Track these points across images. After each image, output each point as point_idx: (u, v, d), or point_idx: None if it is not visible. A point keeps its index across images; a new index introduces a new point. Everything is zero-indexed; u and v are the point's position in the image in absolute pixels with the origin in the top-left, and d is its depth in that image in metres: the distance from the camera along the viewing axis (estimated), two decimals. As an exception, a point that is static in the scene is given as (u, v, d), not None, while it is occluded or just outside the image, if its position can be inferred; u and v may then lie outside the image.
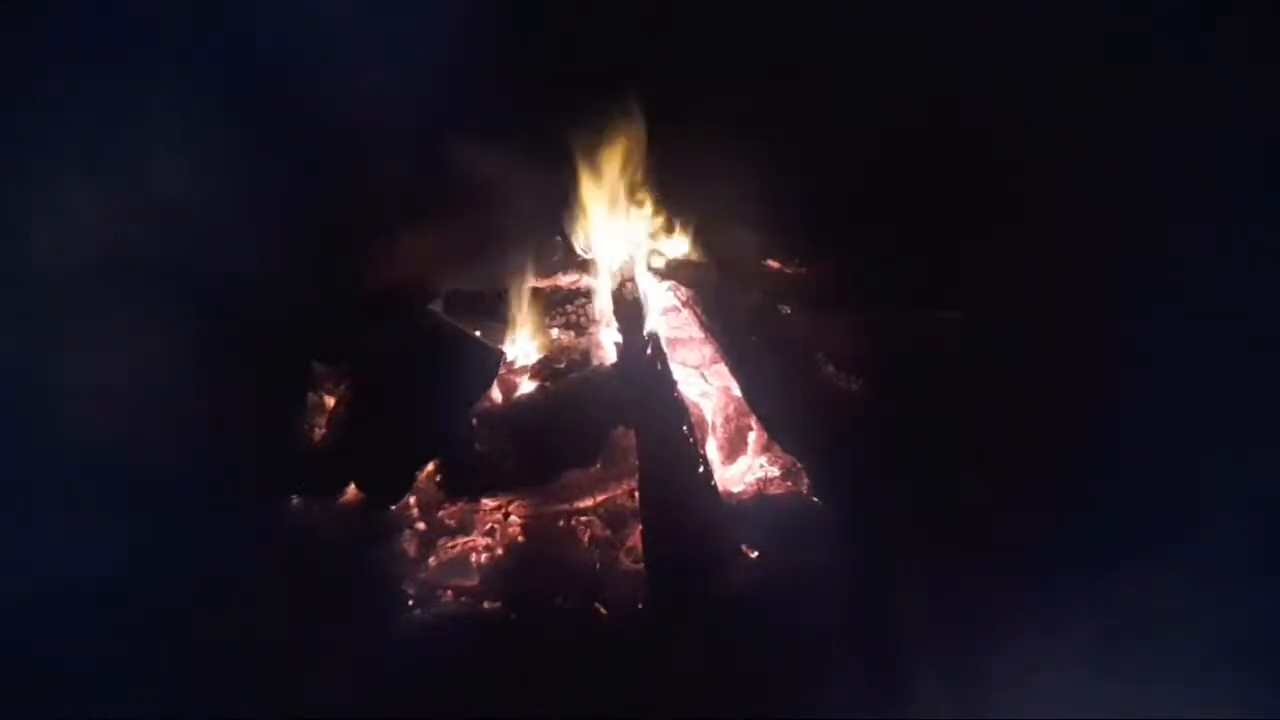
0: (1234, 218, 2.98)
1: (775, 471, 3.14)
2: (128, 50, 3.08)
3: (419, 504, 3.01)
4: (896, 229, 3.34)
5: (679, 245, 3.50)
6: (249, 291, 3.11)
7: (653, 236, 3.50)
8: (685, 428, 2.91)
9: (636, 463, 2.90)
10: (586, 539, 2.94)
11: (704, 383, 3.33)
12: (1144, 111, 3.12)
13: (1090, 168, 3.17)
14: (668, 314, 3.39)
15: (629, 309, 3.21)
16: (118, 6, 3.07)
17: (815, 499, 2.95)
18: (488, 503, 2.99)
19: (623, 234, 3.49)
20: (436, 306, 3.39)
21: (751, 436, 3.22)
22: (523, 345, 3.40)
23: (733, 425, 3.24)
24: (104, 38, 3.07)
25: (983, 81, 3.29)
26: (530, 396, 3.20)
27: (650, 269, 3.40)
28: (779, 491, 3.08)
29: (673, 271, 3.37)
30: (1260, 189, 2.97)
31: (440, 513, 3.00)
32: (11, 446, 2.73)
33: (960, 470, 2.82)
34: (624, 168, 3.41)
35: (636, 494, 2.91)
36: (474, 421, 3.05)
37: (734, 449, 3.23)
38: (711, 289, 3.28)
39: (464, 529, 2.99)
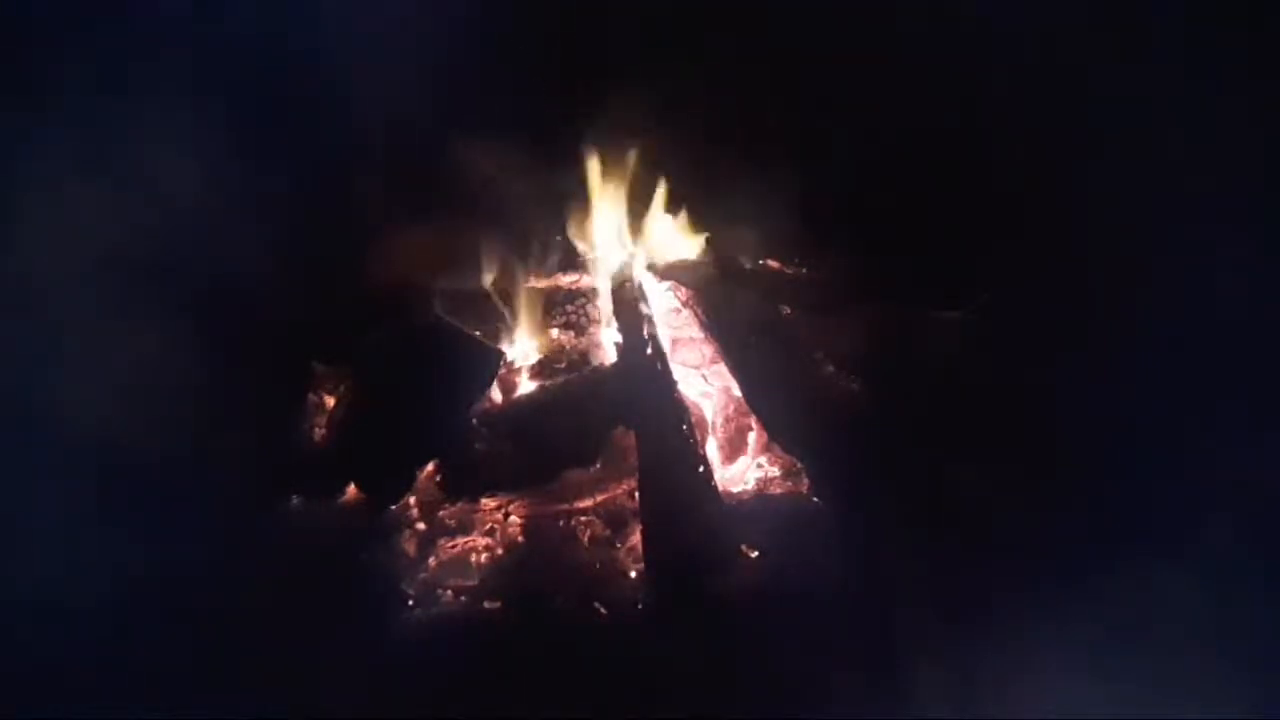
0: (1236, 217, 2.98)
1: (775, 471, 3.14)
2: (128, 48, 3.08)
3: (419, 504, 3.01)
4: (896, 229, 3.35)
5: (679, 245, 3.50)
6: (249, 291, 3.11)
7: (653, 237, 3.50)
8: (685, 428, 2.91)
9: (636, 463, 2.90)
10: (586, 539, 2.94)
11: (704, 383, 3.33)
12: (1145, 110, 3.12)
13: (1091, 167, 3.17)
14: (668, 314, 3.39)
15: (629, 309, 3.21)
16: (118, 6, 3.07)
17: (815, 499, 2.95)
18: (488, 503, 2.99)
19: (623, 234, 3.49)
20: (437, 307, 3.39)
21: (751, 436, 3.22)
22: (523, 345, 3.40)
23: (733, 425, 3.24)
24: (105, 36, 3.07)
25: (983, 81, 3.30)
26: (530, 396, 3.20)
27: (650, 269, 3.40)
28: (779, 491, 3.08)
29: (673, 271, 3.37)
30: (1262, 189, 2.97)
31: (440, 513, 3.00)
32: (11, 446, 2.73)
33: (961, 470, 2.82)
34: (625, 168, 3.41)
35: (636, 494, 2.91)
36: (474, 421, 3.05)
37: (734, 449, 3.22)
38: (711, 289, 3.28)
39: (464, 529, 2.99)
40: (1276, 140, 3.00)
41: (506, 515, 3.01)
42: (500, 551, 2.93)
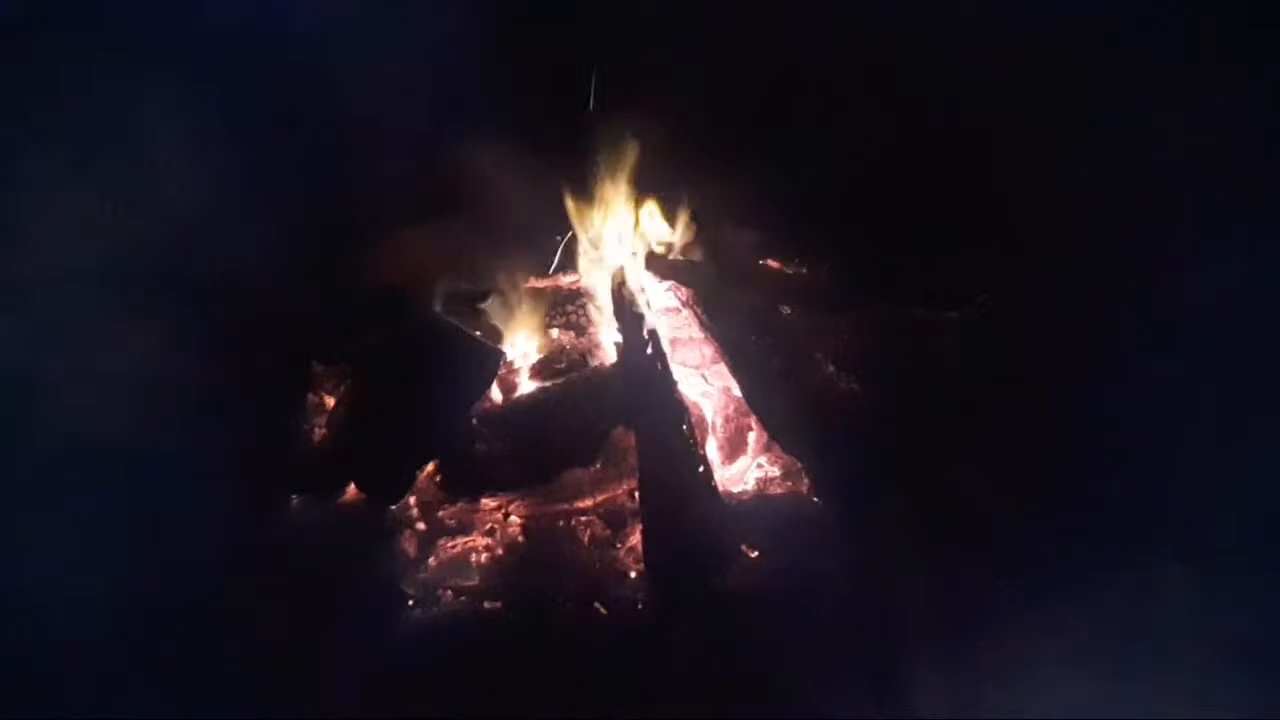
0: (1236, 217, 2.98)
1: (775, 471, 3.14)
2: (128, 49, 3.08)
3: (419, 504, 3.01)
4: (896, 229, 3.34)
5: (679, 245, 3.50)
6: (249, 291, 3.11)
7: (653, 237, 3.50)
8: (685, 428, 2.91)
9: (636, 463, 2.90)
10: (586, 539, 2.94)
11: (704, 383, 3.33)
12: (1145, 110, 3.12)
13: (1091, 167, 3.17)
14: (668, 314, 3.39)
15: (629, 309, 3.21)
16: (118, 6, 3.07)
17: (815, 499, 2.95)
18: (488, 503, 2.99)
19: (623, 234, 3.49)
20: (437, 307, 3.38)
21: (751, 436, 3.22)
22: (523, 345, 3.40)
23: (733, 425, 3.24)
24: (104, 36, 3.07)
25: (982, 81, 3.29)
26: (530, 396, 3.20)
27: (650, 269, 3.40)
28: (779, 491, 3.08)
29: (673, 271, 3.37)
30: (1263, 188, 2.97)
31: (440, 513, 3.00)
32: (10, 447, 2.73)
33: (961, 470, 2.82)
34: (624, 168, 3.41)
35: (636, 494, 2.91)
36: (474, 421, 3.05)
37: (734, 449, 3.22)
38: (711, 289, 3.28)
39: (464, 529, 2.99)
40: (1277, 140, 3.00)
41: (506, 515, 3.01)
42: (500, 551, 2.93)
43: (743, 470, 3.19)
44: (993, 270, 3.18)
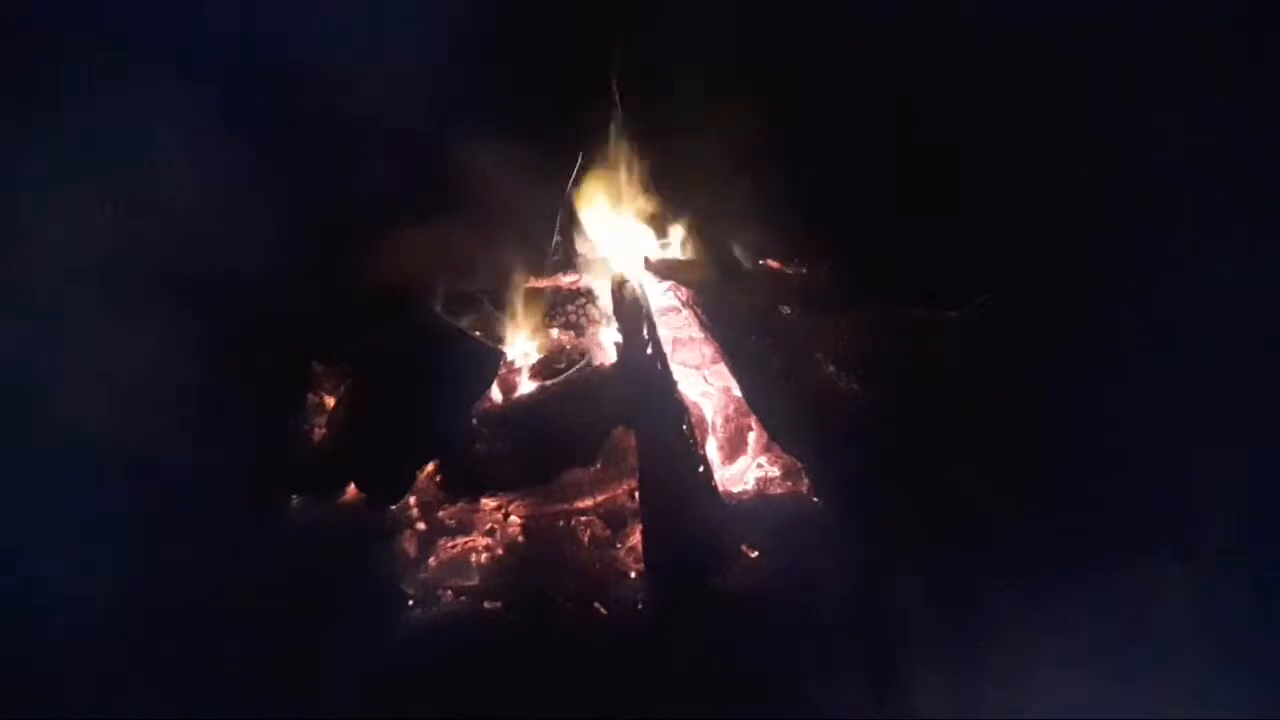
0: (1236, 217, 2.98)
1: (775, 471, 3.14)
2: (128, 49, 3.08)
3: (419, 504, 3.01)
4: (896, 229, 3.34)
5: (679, 245, 3.50)
6: (249, 291, 3.11)
7: (653, 237, 3.50)
8: (685, 428, 2.91)
9: (636, 463, 2.89)
10: (586, 539, 2.94)
11: (704, 383, 3.33)
12: (1145, 110, 3.12)
13: (1091, 167, 3.17)
14: (668, 314, 3.39)
15: (629, 309, 3.21)
16: (118, 6, 3.07)
17: (815, 499, 2.95)
18: (488, 503, 2.99)
19: (623, 234, 3.49)
20: (437, 306, 3.39)
21: (751, 436, 3.22)
22: (523, 345, 3.40)
23: (733, 425, 3.24)
24: (104, 36, 3.07)
25: (982, 81, 3.29)
26: (530, 396, 3.20)
27: (650, 269, 3.40)
28: (779, 491, 3.08)
29: (673, 271, 3.37)
30: (1263, 188, 2.97)
31: (440, 513, 3.00)
32: (11, 447, 2.73)
33: (961, 470, 2.82)
34: (624, 167, 3.41)
35: (636, 494, 2.91)
36: (474, 421, 3.05)
37: (734, 449, 3.22)
38: (711, 289, 3.28)
39: (464, 529, 2.99)
40: (1277, 140, 3.00)
41: (506, 515, 3.01)
42: (500, 551, 2.93)
43: (743, 470, 3.19)
44: (993, 270, 3.18)
